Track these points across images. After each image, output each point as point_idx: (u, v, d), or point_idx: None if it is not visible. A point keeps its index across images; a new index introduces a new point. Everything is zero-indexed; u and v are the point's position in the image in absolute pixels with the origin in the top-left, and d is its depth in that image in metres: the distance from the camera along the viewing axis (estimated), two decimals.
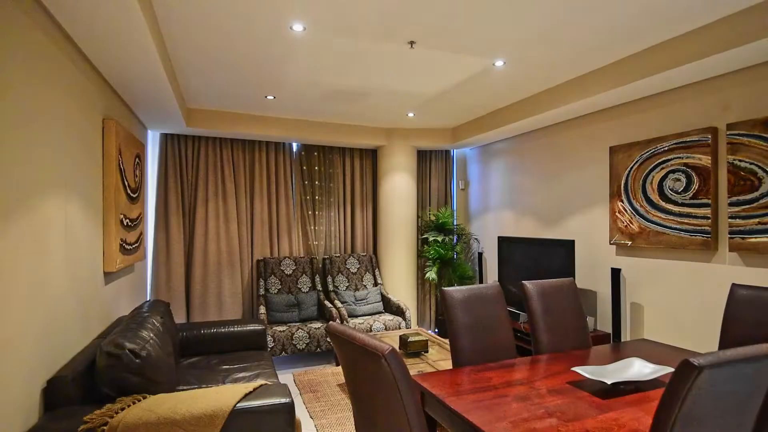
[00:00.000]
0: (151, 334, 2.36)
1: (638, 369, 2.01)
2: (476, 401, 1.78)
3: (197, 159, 4.88)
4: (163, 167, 4.72)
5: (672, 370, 1.92)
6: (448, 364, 3.38)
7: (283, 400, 2.01)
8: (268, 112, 4.63)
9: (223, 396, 1.96)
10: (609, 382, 1.81)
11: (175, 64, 3.32)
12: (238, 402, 1.95)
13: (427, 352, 3.61)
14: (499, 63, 3.24)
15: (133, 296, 3.85)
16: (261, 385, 2.15)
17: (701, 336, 3.06)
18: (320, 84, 3.73)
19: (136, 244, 3.63)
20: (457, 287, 2.40)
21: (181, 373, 2.93)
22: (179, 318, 4.70)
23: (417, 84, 3.73)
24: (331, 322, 1.60)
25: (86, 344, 2.49)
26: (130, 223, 3.40)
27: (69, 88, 2.27)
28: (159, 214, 4.69)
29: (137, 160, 3.66)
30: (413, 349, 3.55)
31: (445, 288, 2.37)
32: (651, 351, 2.45)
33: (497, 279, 5.12)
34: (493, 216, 5.34)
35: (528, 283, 2.58)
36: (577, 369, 1.96)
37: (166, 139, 4.74)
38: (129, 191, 3.38)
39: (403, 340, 3.61)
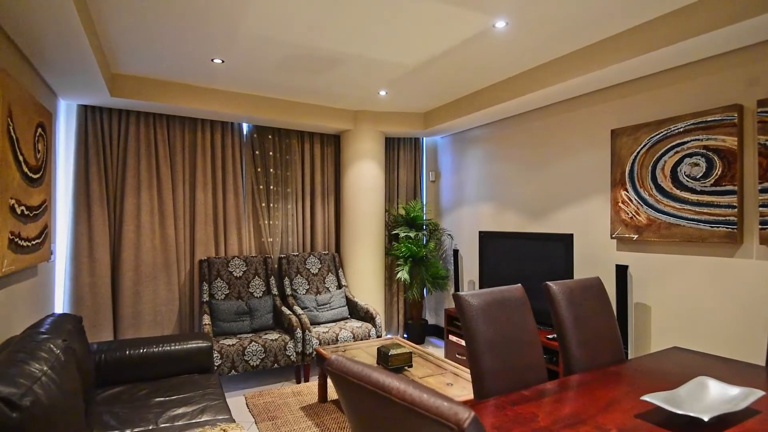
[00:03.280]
0: (45, 367, 1.62)
1: (720, 393, 1.55)
2: None
3: (125, 138, 4.02)
4: (82, 146, 3.83)
5: (762, 393, 1.48)
6: (437, 381, 2.84)
7: None
8: (214, 82, 3.88)
9: None
10: (706, 419, 1.33)
11: (96, 12, 2.54)
12: None
13: (411, 366, 3.05)
14: (501, 23, 2.74)
15: (35, 308, 2.99)
16: None
17: (721, 340, 2.72)
18: (282, 43, 3.06)
19: (38, 240, 2.79)
20: (473, 291, 1.85)
21: (95, 412, 2.18)
22: (105, 335, 3.83)
23: (400, 50, 3.16)
24: (336, 356, 0.99)
25: None
26: (27, 212, 2.58)
27: None
28: (79, 204, 3.80)
29: (40, 130, 2.82)
30: (395, 364, 2.98)
31: (460, 293, 1.81)
32: (699, 364, 2.02)
33: (478, 278, 4.66)
34: (469, 210, 4.88)
35: (553, 284, 2.08)
36: (650, 398, 1.47)
37: (86, 112, 3.85)
38: (27, 169, 2.56)
39: (383, 354, 3.02)
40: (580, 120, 3.61)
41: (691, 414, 1.35)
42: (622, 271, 3.12)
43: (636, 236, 3.13)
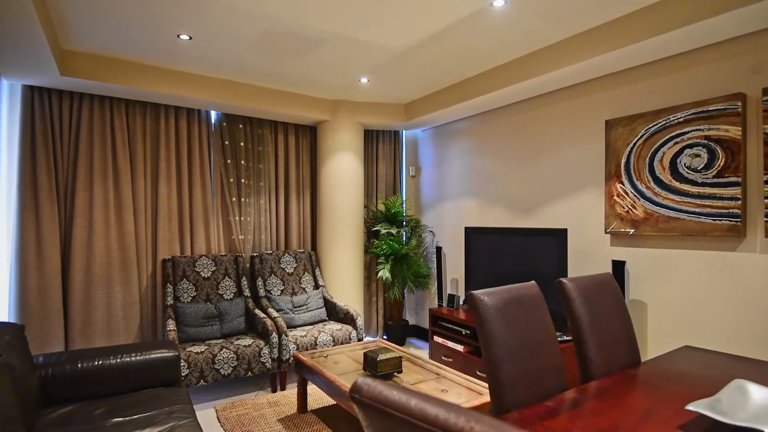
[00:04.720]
0: None
1: (765, 398, 1.40)
2: None
3: (77, 124, 3.61)
4: (28, 133, 3.40)
5: None
6: (429, 387, 2.62)
7: None
8: (180, 62, 3.53)
9: None
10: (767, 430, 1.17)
11: None
12: None
13: (400, 372, 2.83)
14: (499, 2, 2.55)
15: None
16: None
17: (723, 336, 2.62)
18: (258, 16, 2.77)
19: None
20: (487, 290, 1.64)
21: None
22: (56, 345, 3.42)
23: (387, 30, 2.92)
24: (363, 379, 0.75)
25: None
26: None
27: None
28: (25, 197, 3.37)
29: None
30: (384, 370, 2.74)
31: (474, 292, 1.60)
32: (719, 364, 1.89)
33: (463, 277, 4.49)
34: (452, 205, 4.70)
35: (567, 281, 1.90)
36: (695, 407, 1.30)
37: (32, 94, 3.42)
38: None
39: (370, 359, 2.78)
40: (572, 110, 3.48)
41: (749, 425, 1.19)
42: (619, 267, 3.00)
43: (632, 231, 3.02)
